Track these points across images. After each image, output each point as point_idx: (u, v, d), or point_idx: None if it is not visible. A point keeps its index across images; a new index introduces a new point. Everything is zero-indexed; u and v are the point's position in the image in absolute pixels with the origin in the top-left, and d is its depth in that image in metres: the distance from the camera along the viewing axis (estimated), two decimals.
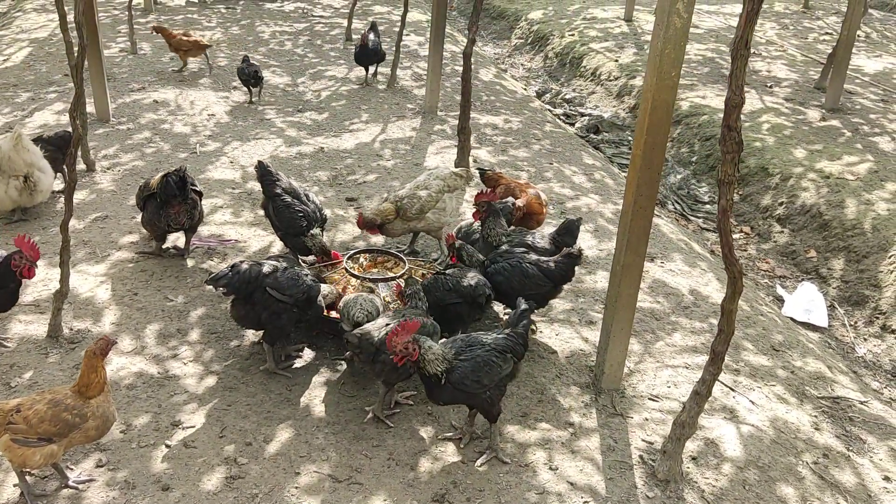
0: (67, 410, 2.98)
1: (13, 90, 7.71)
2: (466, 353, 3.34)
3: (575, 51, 11.38)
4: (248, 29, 10.64)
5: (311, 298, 3.91)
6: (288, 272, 3.87)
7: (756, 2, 2.68)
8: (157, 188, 4.60)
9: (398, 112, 7.88)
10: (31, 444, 2.96)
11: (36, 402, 3.01)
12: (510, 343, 3.44)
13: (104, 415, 3.07)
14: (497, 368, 3.34)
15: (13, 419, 2.95)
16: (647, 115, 3.42)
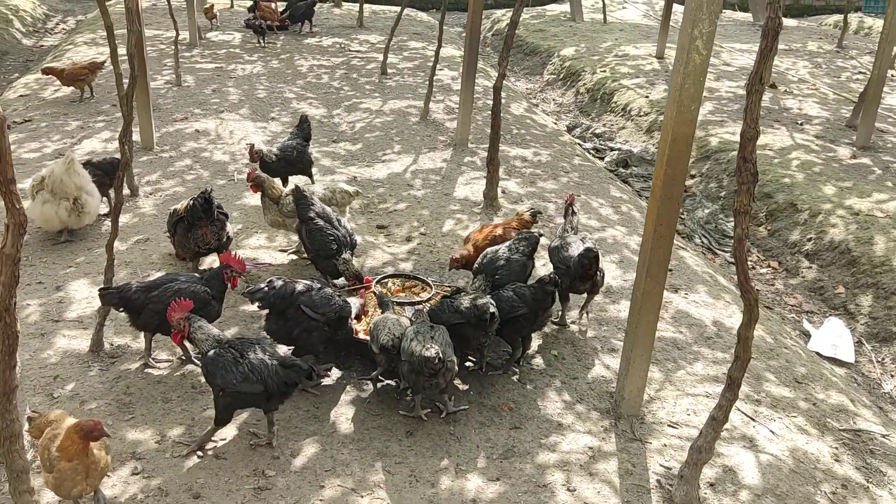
0: (47, 453, 2.96)
1: (63, 118, 8.08)
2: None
3: (606, 87, 11.54)
4: (288, 62, 10.99)
5: (342, 318, 4.07)
6: (322, 292, 4.07)
7: (770, 39, 2.81)
8: (184, 212, 4.84)
9: (430, 144, 8.09)
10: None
11: (56, 428, 3.04)
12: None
13: (60, 481, 2.95)
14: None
15: (45, 432, 3.06)
16: (668, 147, 3.53)
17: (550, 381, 4.31)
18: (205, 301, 4.02)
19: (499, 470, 3.61)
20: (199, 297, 3.98)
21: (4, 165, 2.17)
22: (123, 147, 3.96)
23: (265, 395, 3.49)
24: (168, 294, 3.96)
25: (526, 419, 3.98)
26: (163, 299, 3.95)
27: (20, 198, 2.24)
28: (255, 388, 3.44)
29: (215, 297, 4.11)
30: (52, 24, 14.55)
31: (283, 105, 9.00)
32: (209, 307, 4.05)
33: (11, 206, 2.22)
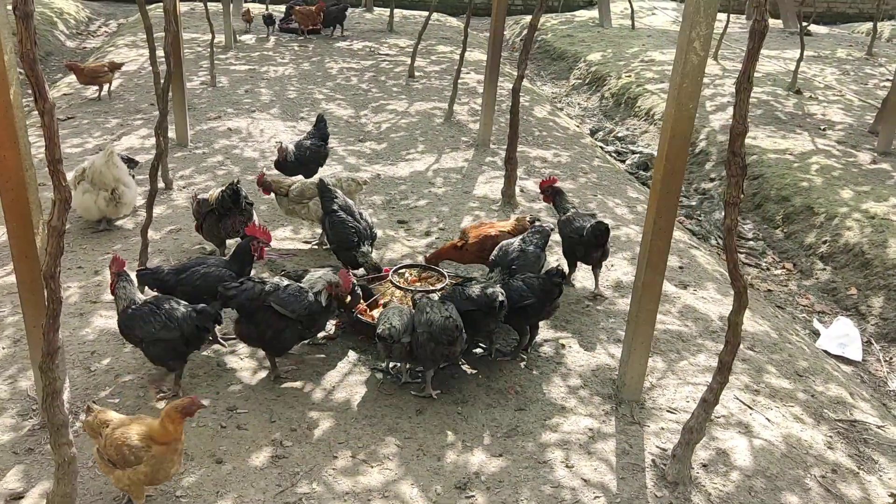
0: (128, 447, 3.06)
1: (104, 116, 8.47)
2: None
3: (630, 91, 11.69)
4: (318, 65, 11.32)
5: (312, 315, 4.13)
6: (289, 289, 4.11)
7: (757, 40, 2.99)
8: (214, 203, 5.12)
9: (453, 144, 8.33)
10: (104, 462, 3.14)
11: (119, 426, 3.13)
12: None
13: (156, 467, 3.10)
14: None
15: (101, 433, 3.15)
16: (667, 143, 3.72)
17: (556, 367, 4.50)
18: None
19: (502, 447, 3.82)
20: (223, 279, 4.25)
21: (53, 146, 2.44)
22: (159, 138, 4.26)
23: (183, 340, 3.84)
24: (195, 277, 4.25)
25: (531, 402, 4.18)
26: (190, 282, 4.24)
27: (65, 176, 2.52)
28: (172, 334, 3.80)
29: (240, 277, 4.35)
30: (95, 27, 15.08)
31: (312, 105, 9.31)
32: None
33: (58, 183, 2.50)
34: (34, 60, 2.32)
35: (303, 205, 5.50)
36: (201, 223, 5.33)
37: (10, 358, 4.24)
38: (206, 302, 4.29)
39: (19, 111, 3.13)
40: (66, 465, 2.83)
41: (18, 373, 4.11)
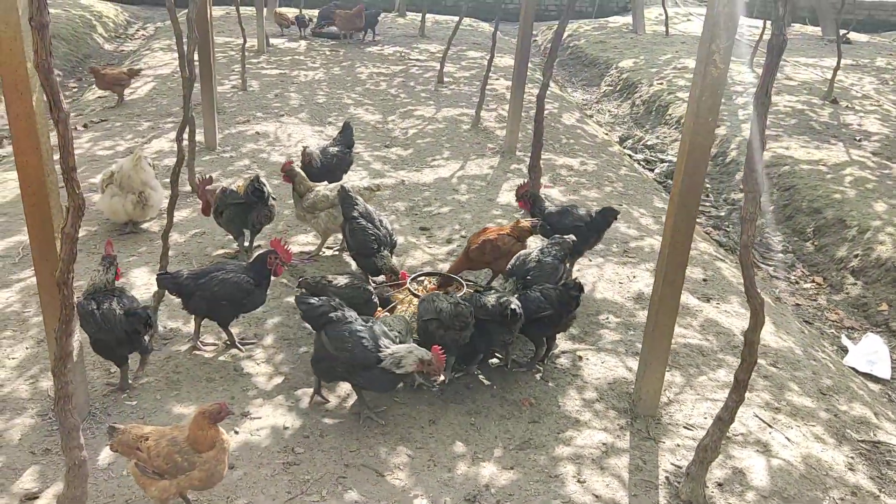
0: (180, 454, 3.07)
1: (136, 119, 8.62)
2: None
3: (662, 99, 11.56)
4: (349, 69, 11.40)
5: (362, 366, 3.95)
6: (354, 328, 3.90)
7: (775, 56, 2.93)
8: (243, 194, 5.30)
9: (478, 151, 8.31)
10: (148, 475, 3.11)
11: (162, 437, 3.13)
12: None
13: (211, 470, 3.12)
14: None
15: (140, 446, 3.12)
16: (685, 157, 3.67)
17: (572, 380, 4.46)
18: (247, 290, 4.33)
19: (514, 460, 3.79)
20: (241, 286, 4.29)
21: (67, 155, 2.49)
22: (180, 144, 4.31)
23: (117, 341, 3.89)
24: (213, 282, 4.29)
25: (545, 414, 4.14)
26: (209, 287, 4.28)
27: (79, 184, 2.56)
28: (108, 336, 3.87)
29: (258, 285, 4.40)
30: (133, 31, 15.36)
31: (340, 110, 9.37)
32: (252, 295, 4.36)
33: (72, 190, 2.54)
34: (49, 70, 2.36)
35: (313, 215, 5.51)
36: (221, 212, 5.43)
37: (32, 358, 4.33)
38: (225, 307, 4.35)
39: (41, 118, 3.19)
40: (77, 469, 2.87)
41: (40, 373, 4.18)
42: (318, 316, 3.95)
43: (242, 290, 4.31)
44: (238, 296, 4.32)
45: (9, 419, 3.83)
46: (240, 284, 4.31)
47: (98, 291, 3.99)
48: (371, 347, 3.80)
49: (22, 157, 3.26)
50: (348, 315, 3.97)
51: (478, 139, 8.70)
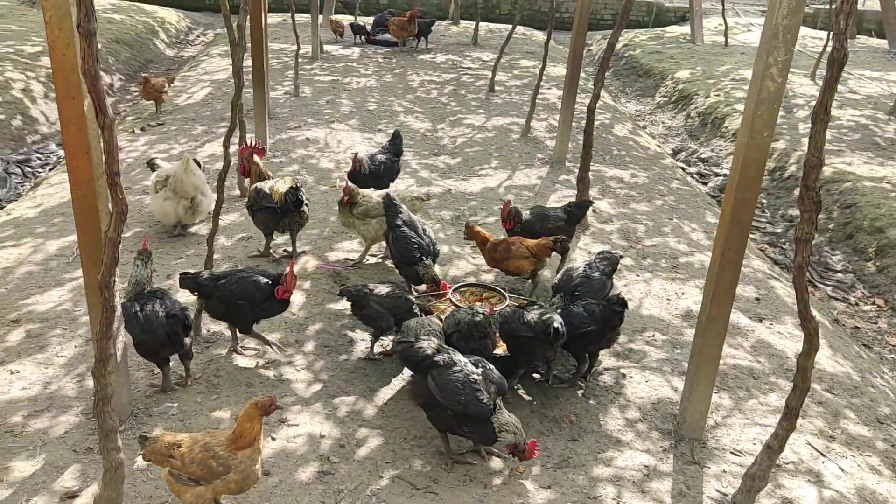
0: (215, 458, 3.08)
1: (191, 123, 8.78)
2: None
3: (718, 111, 11.29)
4: (400, 77, 11.44)
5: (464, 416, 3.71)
6: (458, 374, 3.67)
7: (836, 70, 2.80)
8: (278, 203, 5.34)
9: (527, 161, 8.23)
10: (183, 482, 3.12)
11: (195, 443, 3.15)
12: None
13: (246, 472, 3.12)
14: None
15: (173, 454, 3.12)
16: (738, 172, 3.54)
17: (615, 398, 4.35)
18: (266, 293, 4.31)
19: (551, 478, 3.70)
20: (259, 286, 4.30)
21: (112, 160, 2.51)
22: (226, 150, 4.35)
23: (159, 343, 3.94)
24: (232, 283, 4.29)
25: (585, 432, 4.04)
26: (228, 287, 4.29)
27: (123, 188, 2.58)
28: (150, 338, 3.91)
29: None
30: (193, 37, 15.71)
31: (390, 118, 9.40)
32: (270, 300, 4.33)
33: (115, 195, 2.57)
34: (95, 77, 2.39)
35: (363, 221, 5.49)
36: (255, 211, 5.53)
37: (80, 357, 4.41)
38: (243, 309, 4.33)
39: (91, 123, 3.24)
40: (114, 471, 2.89)
41: (86, 371, 4.26)
42: (421, 360, 3.72)
43: (261, 290, 4.30)
44: (257, 297, 4.29)
45: (54, 416, 3.90)
46: (258, 284, 4.31)
47: (142, 293, 4.04)
48: (486, 401, 3.56)
49: (73, 161, 3.32)
50: (455, 357, 3.71)
51: (527, 149, 8.62)
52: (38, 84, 9.91)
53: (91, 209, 3.39)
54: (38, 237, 5.88)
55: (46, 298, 4.98)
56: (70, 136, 3.26)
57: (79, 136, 3.25)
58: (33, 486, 3.44)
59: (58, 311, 4.85)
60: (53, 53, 3.08)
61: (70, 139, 3.27)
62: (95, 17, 2.30)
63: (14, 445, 3.69)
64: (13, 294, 5.02)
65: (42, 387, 4.12)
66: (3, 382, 4.13)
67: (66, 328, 4.67)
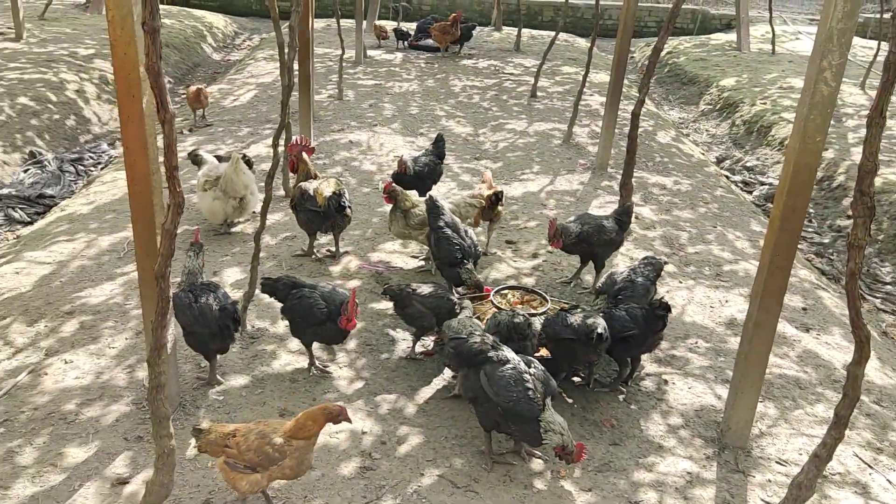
0: (271, 445, 3.16)
1: (237, 125, 8.95)
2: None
3: (764, 119, 11.13)
4: (442, 82, 11.50)
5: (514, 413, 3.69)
6: (508, 371, 3.69)
7: (892, 73, 2.76)
8: (322, 207, 5.43)
9: (569, 166, 8.22)
10: (238, 470, 3.20)
11: (249, 432, 3.22)
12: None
13: (300, 459, 3.21)
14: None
15: (228, 443, 3.20)
16: (789, 178, 3.50)
17: (657, 404, 4.32)
18: (319, 319, 4.20)
19: (592, 482, 3.69)
20: (313, 312, 4.20)
21: (171, 154, 2.59)
22: (276, 149, 4.44)
23: (210, 335, 4.02)
24: (295, 297, 4.28)
25: (626, 437, 4.03)
26: (292, 299, 4.30)
27: (181, 183, 2.66)
28: (203, 329, 3.99)
29: (331, 318, 4.21)
30: (240, 41, 16.00)
31: (432, 122, 9.46)
32: (324, 327, 4.24)
33: (174, 189, 2.64)
34: (158, 73, 2.46)
35: (421, 230, 5.49)
36: (299, 211, 5.63)
37: (131, 348, 4.52)
38: (299, 326, 4.32)
39: (150, 120, 3.34)
40: (166, 457, 2.97)
41: (136, 363, 4.37)
42: (475, 355, 3.77)
43: (314, 317, 4.20)
44: (309, 320, 4.22)
45: (106, 405, 4.01)
46: (312, 310, 4.20)
47: (195, 285, 4.13)
48: (537, 400, 3.58)
49: (131, 157, 3.42)
50: (508, 355, 3.75)
51: (569, 154, 8.61)
52: (90, 85, 10.19)
53: (146, 203, 3.49)
54: (91, 233, 6.05)
55: (99, 292, 5.12)
56: (129, 133, 3.36)
57: (137, 132, 3.34)
58: (86, 472, 3.55)
59: (109, 304, 4.98)
60: (115, 52, 3.18)
61: (129, 136, 3.37)
62: (160, 16, 2.37)
63: (68, 432, 3.80)
64: (67, 287, 5.17)
65: (94, 376, 4.24)
66: (58, 372, 4.26)
67: (117, 321, 4.79)
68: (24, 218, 7.11)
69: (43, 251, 5.74)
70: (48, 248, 5.78)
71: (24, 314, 4.82)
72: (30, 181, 7.69)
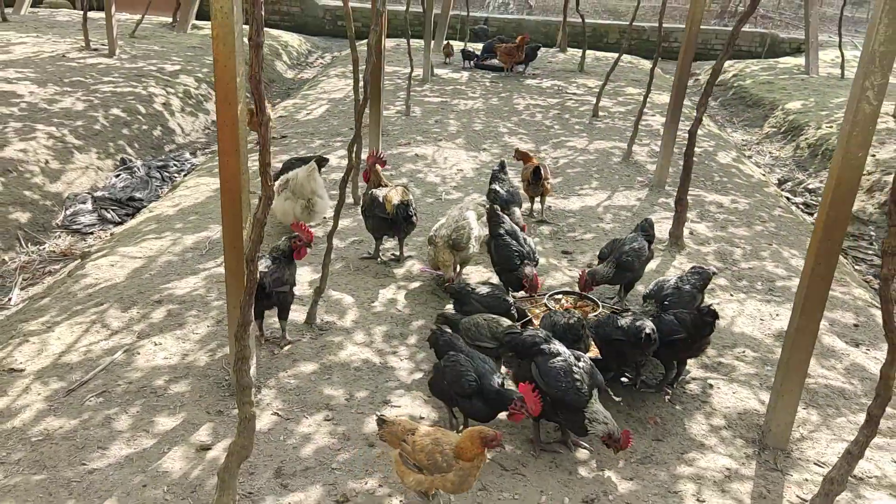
0: (441, 455, 3.33)
1: (310, 137, 9.47)
2: None
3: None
4: (506, 100, 11.85)
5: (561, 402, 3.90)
6: (558, 362, 3.96)
7: None
8: (390, 214, 5.82)
9: (627, 183, 8.43)
10: (408, 466, 3.42)
11: (427, 435, 3.41)
12: None
13: (463, 478, 3.35)
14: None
15: (406, 439, 3.44)
16: (832, 191, 3.70)
17: (701, 406, 4.51)
18: (467, 392, 3.94)
19: (634, 472, 3.92)
20: (461, 383, 3.95)
21: (265, 152, 2.97)
22: (351, 155, 4.83)
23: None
24: (446, 360, 4.11)
25: (669, 434, 4.23)
26: (443, 363, 4.16)
27: (271, 178, 3.04)
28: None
29: (482, 398, 3.94)
30: (313, 59, 16.71)
31: (495, 138, 9.80)
32: (471, 401, 3.97)
33: (265, 183, 3.02)
34: (259, 82, 2.86)
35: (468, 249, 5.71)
36: (369, 216, 6.03)
37: (212, 334, 4.95)
38: (445, 389, 4.10)
39: (243, 125, 3.76)
40: (247, 421, 3.33)
41: (217, 347, 4.80)
42: (530, 346, 4.08)
43: (462, 388, 3.94)
44: (457, 389, 3.97)
45: (190, 383, 4.43)
46: (460, 381, 3.94)
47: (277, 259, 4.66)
48: (584, 391, 3.83)
49: (224, 158, 3.85)
50: (559, 348, 4.02)
51: (627, 172, 8.82)
52: (175, 99, 10.90)
53: (235, 200, 3.90)
54: (176, 232, 6.57)
55: (184, 284, 5.59)
56: (224, 136, 3.79)
57: (231, 135, 3.77)
58: (173, 438, 3.96)
59: (193, 295, 5.44)
60: (217, 64, 3.61)
61: (224, 138, 3.80)
62: (264, 32, 2.77)
63: (157, 404, 4.23)
64: (156, 279, 5.67)
65: (180, 357, 4.68)
66: (149, 352, 4.72)
67: (200, 310, 5.24)
68: (115, 218, 7.71)
69: (134, 247, 6.28)
70: (139, 245, 6.32)
71: (118, 301, 5.32)
72: (121, 185, 8.32)
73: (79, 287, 5.60)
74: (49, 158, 8.14)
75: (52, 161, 8.14)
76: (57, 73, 10.81)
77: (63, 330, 4.96)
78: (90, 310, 5.21)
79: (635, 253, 5.41)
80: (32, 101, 9.40)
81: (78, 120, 9.11)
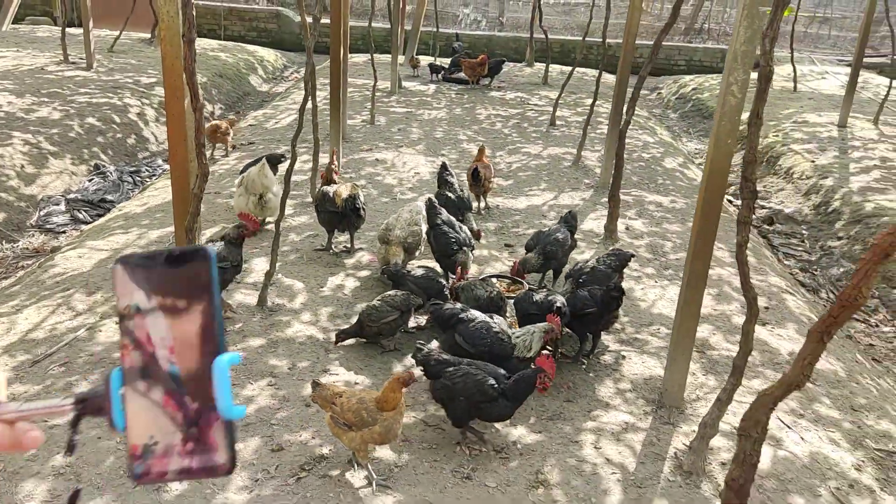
0: (366, 411, 3.66)
1: (276, 144, 9.94)
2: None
3: (774, 150, 11.72)
4: (469, 111, 12.40)
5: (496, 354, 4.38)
6: (478, 323, 4.57)
7: (765, 81, 3.48)
8: (339, 207, 6.24)
9: (574, 185, 8.96)
10: (339, 426, 3.74)
11: (353, 395, 3.75)
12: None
13: (388, 427, 3.67)
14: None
15: (335, 402, 3.77)
16: (707, 178, 4.22)
17: (612, 373, 5.00)
18: (489, 396, 4.00)
19: (543, 427, 4.39)
20: (483, 389, 3.99)
21: (199, 135, 3.45)
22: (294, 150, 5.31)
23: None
24: (458, 373, 4.10)
25: (580, 396, 4.71)
26: (452, 375, 4.13)
27: (206, 157, 3.52)
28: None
29: (506, 398, 4.04)
30: (288, 73, 17.22)
31: (454, 144, 10.32)
32: (494, 403, 4.02)
33: (200, 161, 3.50)
34: (192, 73, 3.34)
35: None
36: (320, 211, 6.49)
37: None
38: (461, 404, 4.08)
39: (189, 116, 4.23)
40: None
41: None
42: (448, 318, 4.56)
43: (487, 394, 3.99)
44: (476, 397, 4.00)
45: None
46: (483, 388, 3.98)
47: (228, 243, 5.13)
48: (505, 339, 4.33)
49: (174, 147, 4.32)
50: (475, 314, 4.52)
51: (576, 175, 9.35)
52: (150, 109, 11.36)
53: (184, 183, 4.37)
54: (143, 227, 7.01)
55: None
56: (173, 127, 4.27)
57: (179, 126, 4.24)
58: None
59: None
60: (165, 63, 4.09)
61: (173, 130, 4.27)
62: (196, 29, 3.25)
63: None
64: None
65: None
66: (111, 330, 5.14)
67: None
68: (87, 219, 8.14)
69: (102, 241, 6.71)
70: (106, 239, 6.75)
71: (83, 287, 5.74)
72: (93, 188, 8.76)
73: (47, 276, 6.03)
74: (25, 163, 8.57)
75: (27, 166, 8.57)
76: (35, 84, 11.25)
77: (31, 311, 5.38)
78: (57, 294, 5.64)
79: (559, 243, 5.90)
80: (10, 111, 9.83)
81: (54, 128, 9.55)
